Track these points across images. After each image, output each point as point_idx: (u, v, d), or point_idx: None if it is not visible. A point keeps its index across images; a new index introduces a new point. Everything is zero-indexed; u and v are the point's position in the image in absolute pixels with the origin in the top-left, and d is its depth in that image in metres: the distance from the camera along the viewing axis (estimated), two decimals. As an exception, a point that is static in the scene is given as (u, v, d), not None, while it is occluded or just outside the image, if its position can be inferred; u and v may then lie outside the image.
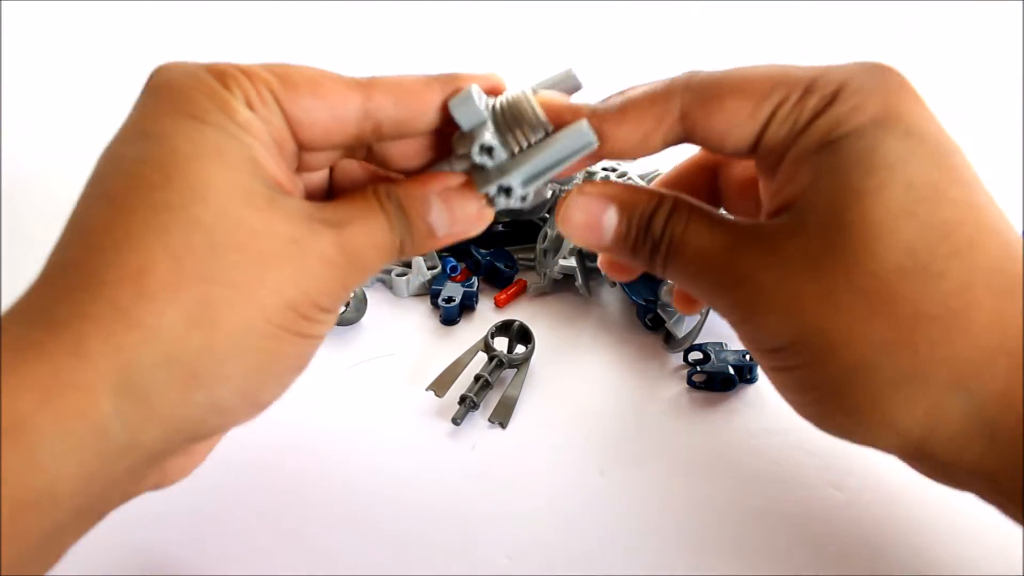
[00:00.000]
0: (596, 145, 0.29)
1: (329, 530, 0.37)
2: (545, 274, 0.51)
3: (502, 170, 0.29)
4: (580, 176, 0.52)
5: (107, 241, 0.25)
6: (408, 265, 0.51)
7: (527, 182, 0.29)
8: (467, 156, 0.29)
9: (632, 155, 0.31)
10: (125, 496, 0.29)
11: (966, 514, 0.39)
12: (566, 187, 0.51)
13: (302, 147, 0.29)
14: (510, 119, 0.29)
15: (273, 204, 0.27)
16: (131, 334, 0.25)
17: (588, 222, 0.31)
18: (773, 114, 0.28)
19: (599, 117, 0.29)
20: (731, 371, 0.44)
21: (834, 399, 0.27)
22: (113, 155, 0.27)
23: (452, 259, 0.51)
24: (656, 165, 0.56)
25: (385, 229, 0.29)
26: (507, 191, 0.29)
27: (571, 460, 0.41)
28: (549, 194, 0.52)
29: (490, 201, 0.30)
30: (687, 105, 0.29)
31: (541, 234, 0.51)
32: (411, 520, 0.38)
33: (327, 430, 0.42)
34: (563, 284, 0.51)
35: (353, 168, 0.33)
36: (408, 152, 0.31)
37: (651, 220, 0.30)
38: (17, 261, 0.29)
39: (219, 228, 0.26)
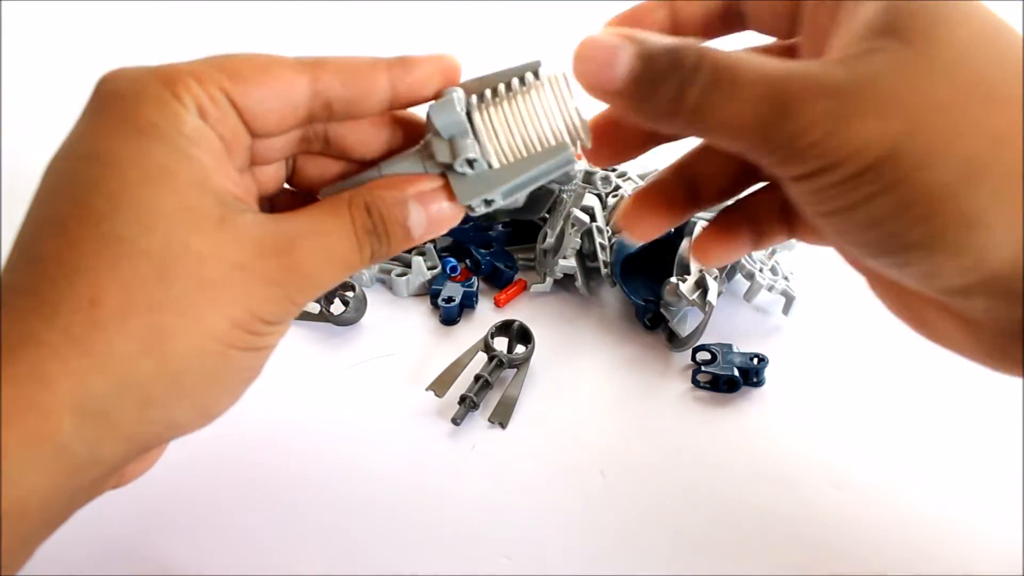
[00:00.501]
0: (574, 163, 0.29)
1: (329, 529, 0.37)
2: (545, 274, 0.51)
3: (485, 180, 0.29)
4: (580, 175, 0.52)
5: (58, 271, 0.26)
6: (408, 265, 0.51)
7: (507, 195, 0.29)
8: (445, 164, 0.29)
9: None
10: (88, 499, 0.31)
11: (966, 514, 0.39)
12: (566, 187, 0.51)
13: (256, 136, 0.30)
14: (496, 126, 0.29)
15: (222, 225, 0.27)
16: (85, 361, 0.26)
17: (601, 57, 0.26)
18: None
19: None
20: (736, 373, 0.44)
21: (939, 211, 0.23)
22: (61, 174, 0.27)
23: (452, 259, 0.51)
24: (656, 164, 0.56)
25: (348, 245, 0.30)
26: (488, 202, 0.30)
27: (571, 460, 0.41)
28: (556, 191, 0.52)
29: (470, 207, 0.30)
30: None
31: (541, 234, 0.51)
32: (411, 520, 0.38)
33: (327, 430, 0.42)
34: (563, 284, 0.51)
35: (320, 165, 0.33)
36: (365, 139, 0.32)
37: (679, 53, 0.25)
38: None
39: (167, 257, 0.26)
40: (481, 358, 0.45)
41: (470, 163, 0.29)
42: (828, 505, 0.39)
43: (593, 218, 0.50)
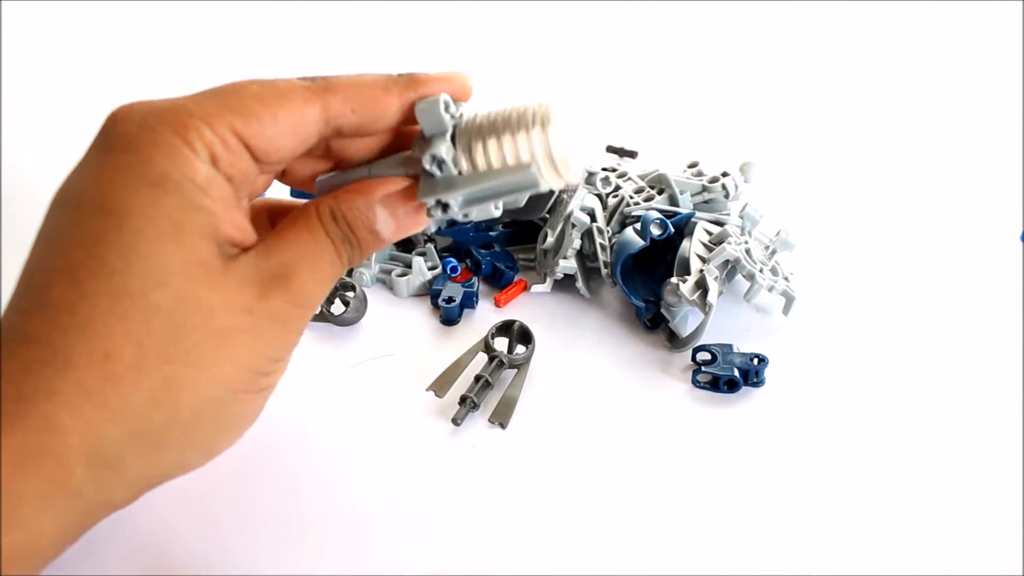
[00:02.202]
0: (540, 188, 0.29)
1: (329, 530, 0.37)
2: (545, 274, 0.51)
3: (449, 183, 0.29)
4: (582, 180, 0.52)
5: (72, 323, 0.26)
6: (409, 265, 0.51)
7: (467, 203, 0.29)
8: (421, 165, 0.29)
9: None
10: (92, 526, 0.32)
11: (966, 514, 0.39)
12: (568, 189, 0.51)
13: (265, 164, 0.30)
14: (474, 136, 0.29)
15: (227, 274, 0.28)
16: (99, 413, 0.26)
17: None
18: None
19: None
20: (736, 373, 0.44)
21: None
22: (73, 223, 0.27)
23: (452, 259, 0.51)
24: (656, 165, 0.56)
25: (333, 258, 0.30)
26: (444, 206, 0.29)
27: (571, 460, 0.41)
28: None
29: (428, 211, 0.30)
30: None
31: (541, 234, 0.51)
32: (411, 520, 0.38)
33: (327, 430, 0.42)
34: (563, 284, 0.51)
35: (312, 165, 0.33)
36: (367, 151, 0.32)
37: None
38: (17, 262, 0.29)
39: (178, 311, 0.27)
40: (481, 358, 0.45)
41: (439, 164, 0.29)
42: (828, 505, 0.39)
43: (593, 218, 0.50)
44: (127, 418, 0.27)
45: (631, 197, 0.53)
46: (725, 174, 0.53)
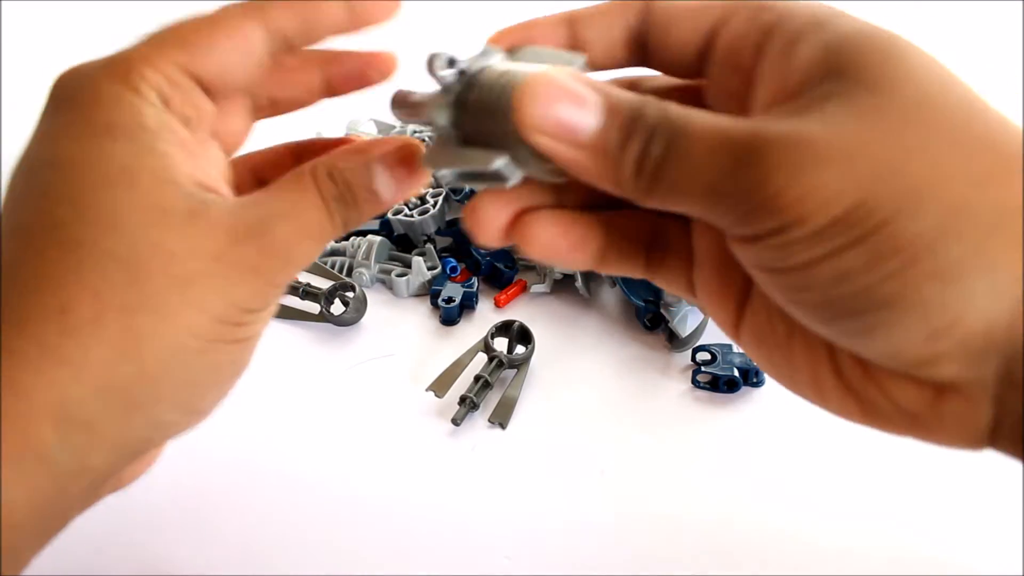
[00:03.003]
0: (508, 183, 0.25)
1: (329, 530, 0.37)
2: (545, 274, 0.51)
3: (447, 154, 0.26)
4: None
5: (24, 279, 0.26)
6: (408, 266, 0.51)
7: (460, 179, 0.26)
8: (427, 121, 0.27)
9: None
10: (85, 505, 0.31)
11: (967, 514, 0.39)
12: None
13: (219, 96, 0.29)
14: (479, 105, 0.26)
15: (192, 219, 0.27)
16: (61, 370, 0.25)
17: (567, 103, 0.23)
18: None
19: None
20: (736, 373, 0.44)
21: (915, 264, 0.21)
22: (24, 183, 0.27)
23: (452, 259, 0.51)
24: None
25: (321, 216, 0.29)
26: (433, 170, 0.27)
27: (571, 460, 0.41)
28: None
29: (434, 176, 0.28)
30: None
31: (541, 234, 0.51)
32: (411, 520, 0.38)
33: (327, 430, 0.42)
34: (563, 284, 0.51)
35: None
36: (307, 90, 0.32)
37: (644, 108, 0.23)
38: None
39: (134, 258, 0.26)
40: (481, 358, 0.45)
41: (437, 130, 0.26)
42: (828, 505, 0.39)
43: (593, 218, 0.50)
44: (91, 373, 0.26)
45: (631, 197, 0.53)
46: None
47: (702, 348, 0.46)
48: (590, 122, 0.23)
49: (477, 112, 0.25)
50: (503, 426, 0.42)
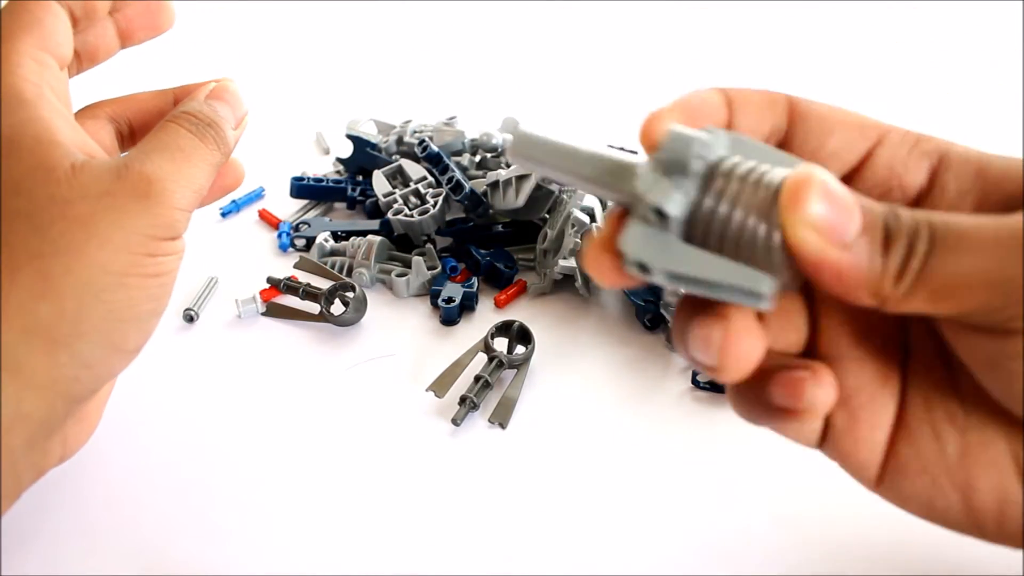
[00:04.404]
0: (766, 306, 0.22)
1: (328, 530, 0.37)
2: (545, 274, 0.51)
3: (663, 246, 0.23)
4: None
5: None
6: (408, 266, 0.51)
7: (673, 279, 0.23)
8: (636, 196, 0.23)
9: None
10: (37, 470, 0.32)
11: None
12: (566, 188, 0.51)
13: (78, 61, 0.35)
14: (724, 197, 0.23)
15: (77, 171, 0.30)
16: None
17: (839, 210, 0.22)
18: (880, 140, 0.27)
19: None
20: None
21: None
22: None
23: (452, 259, 0.51)
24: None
25: (191, 138, 0.33)
26: (644, 268, 0.23)
27: (571, 460, 0.41)
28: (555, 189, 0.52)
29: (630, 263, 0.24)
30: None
31: (541, 234, 0.51)
32: (411, 520, 0.38)
33: (327, 430, 0.42)
34: (563, 284, 0.51)
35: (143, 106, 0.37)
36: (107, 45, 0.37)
37: (897, 213, 0.23)
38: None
39: (36, 211, 0.29)
40: (481, 359, 0.45)
41: (660, 214, 0.23)
42: (827, 505, 0.39)
43: (593, 219, 0.50)
44: (12, 317, 0.28)
45: (631, 197, 0.52)
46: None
47: (702, 348, 0.46)
48: (857, 224, 0.23)
49: (720, 206, 0.23)
50: (503, 426, 0.42)
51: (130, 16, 0.36)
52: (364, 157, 0.58)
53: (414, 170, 0.54)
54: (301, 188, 0.57)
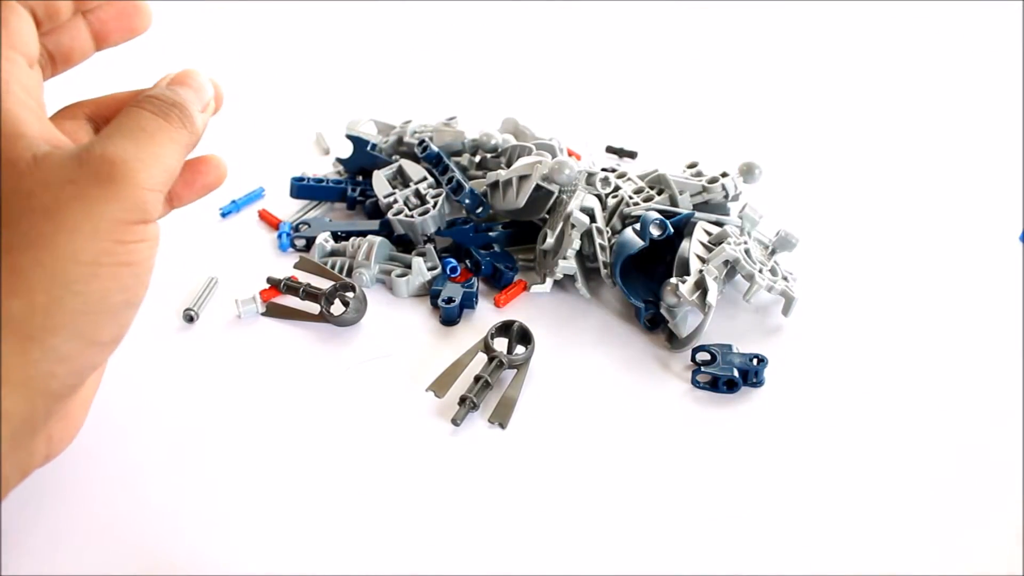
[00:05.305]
0: None
1: (328, 530, 0.37)
2: (545, 275, 0.51)
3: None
4: (583, 177, 0.52)
5: None
6: (408, 266, 0.51)
7: None
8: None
9: None
10: (22, 470, 0.32)
11: (967, 514, 0.39)
12: (566, 188, 0.51)
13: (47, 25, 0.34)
14: None
15: (40, 161, 0.29)
16: None
17: None
18: None
19: None
20: (736, 374, 0.44)
21: None
22: None
23: (452, 260, 0.51)
24: (655, 165, 0.56)
25: (152, 118, 0.32)
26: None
27: (571, 460, 0.41)
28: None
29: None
30: None
31: (541, 235, 0.51)
32: (410, 520, 0.38)
33: (327, 430, 0.42)
34: (563, 285, 0.51)
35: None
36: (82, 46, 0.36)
37: None
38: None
39: (3, 206, 0.29)
40: (481, 359, 0.45)
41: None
42: (827, 505, 0.39)
43: (593, 219, 0.50)
44: None
45: (630, 197, 0.53)
46: (724, 174, 0.53)
47: (702, 348, 0.46)
48: None
49: None
50: (503, 426, 0.42)
51: (104, 18, 0.35)
52: (364, 157, 0.58)
53: (414, 170, 0.54)
54: (301, 188, 0.57)
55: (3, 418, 0.28)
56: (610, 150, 0.66)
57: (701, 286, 0.46)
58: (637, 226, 0.49)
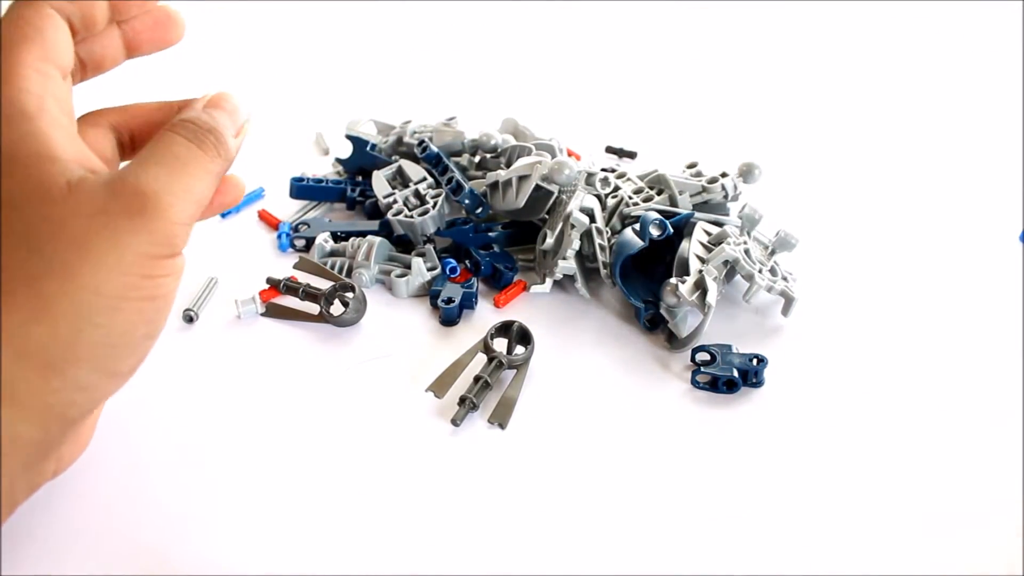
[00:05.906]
0: None
1: (328, 530, 0.37)
2: (545, 275, 0.51)
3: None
4: (582, 177, 0.52)
5: None
6: (408, 266, 0.51)
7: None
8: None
9: None
10: (30, 487, 0.32)
11: (967, 514, 0.39)
12: (566, 188, 0.51)
13: (85, 65, 0.34)
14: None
15: (73, 189, 0.29)
16: None
17: None
18: None
19: None
20: (736, 374, 0.44)
21: None
22: None
23: (452, 260, 0.51)
24: (655, 165, 0.56)
25: (188, 147, 0.32)
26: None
27: (570, 460, 0.41)
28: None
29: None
30: None
31: (541, 235, 0.51)
32: (410, 520, 0.38)
33: (327, 430, 0.42)
34: (563, 285, 0.51)
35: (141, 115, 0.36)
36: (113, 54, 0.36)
37: None
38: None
39: (31, 231, 0.28)
40: (481, 359, 0.45)
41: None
42: (827, 505, 0.39)
43: (592, 219, 0.50)
44: (8, 339, 0.27)
45: (630, 198, 0.53)
46: (724, 175, 0.53)
47: (701, 348, 0.46)
48: None
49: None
50: (502, 426, 0.42)
51: (139, 28, 0.35)
52: (364, 157, 0.58)
53: (414, 171, 0.54)
54: (301, 188, 0.57)
55: (19, 443, 0.28)
56: (610, 150, 0.66)
57: (701, 286, 0.46)
58: (637, 226, 0.49)
